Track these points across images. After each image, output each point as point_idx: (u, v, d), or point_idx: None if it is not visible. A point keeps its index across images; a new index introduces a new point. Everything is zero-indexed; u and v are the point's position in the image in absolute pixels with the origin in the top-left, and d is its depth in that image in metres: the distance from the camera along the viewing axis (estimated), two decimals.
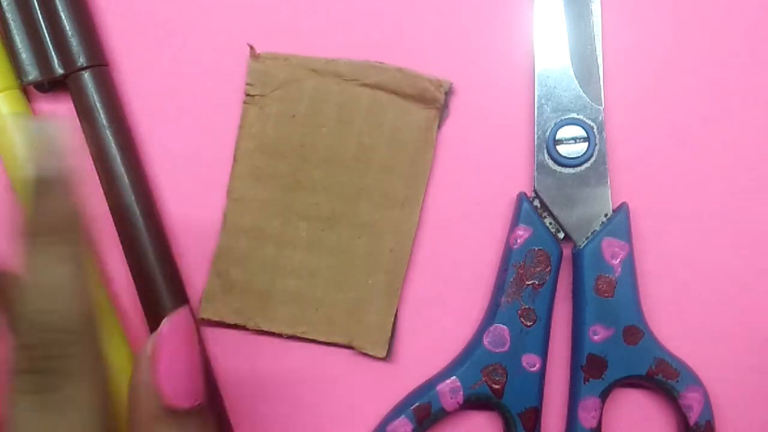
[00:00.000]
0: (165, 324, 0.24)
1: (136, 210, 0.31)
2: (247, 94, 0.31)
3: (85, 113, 0.31)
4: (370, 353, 0.31)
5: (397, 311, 0.31)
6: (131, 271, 0.31)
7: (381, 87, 0.31)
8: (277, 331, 0.31)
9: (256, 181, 0.31)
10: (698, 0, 0.31)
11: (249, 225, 0.31)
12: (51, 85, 0.32)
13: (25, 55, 0.31)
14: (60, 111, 0.32)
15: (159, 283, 0.31)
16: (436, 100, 0.31)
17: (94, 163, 0.31)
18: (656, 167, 0.31)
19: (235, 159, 0.31)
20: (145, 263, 0.31)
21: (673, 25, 0.31)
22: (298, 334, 0.31)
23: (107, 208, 0.31)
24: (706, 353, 0.31)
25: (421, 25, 0.31)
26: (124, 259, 0.31)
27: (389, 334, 0.31)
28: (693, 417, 0.30)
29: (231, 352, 0.32)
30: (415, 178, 0.31)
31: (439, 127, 0.31)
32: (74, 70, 0.31)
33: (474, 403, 0.30)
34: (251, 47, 0.31)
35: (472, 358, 0.30)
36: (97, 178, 0.31)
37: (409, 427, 0.30)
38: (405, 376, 0.32)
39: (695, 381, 0.30)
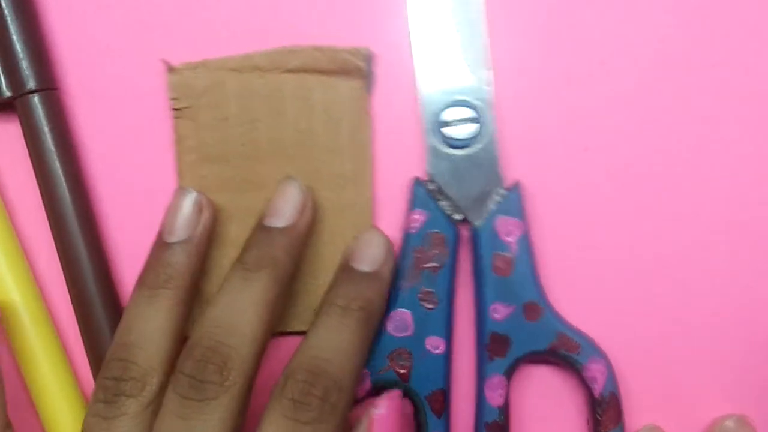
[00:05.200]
0: (381, 406, 0.27)
1: (78, 237, 0.30)
2: (174, 109, 0.31)
3: (32, 137, 0.31)
4: None
5: None
6: (71, 294, 0.31)
7: (303, 69, 0.31)
8: None
9: (206, 191, 0.30)
10: None
11: None
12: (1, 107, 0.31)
13: None
14: (8, 132, 0.32)
15: (98, 311, 0.31)
16: (359, 69, 0.31)
17: (39, 185, 0.31)
18: (547, 145, 0.32)
19: (179, 174, 0.31)
20: (85, 288, 0.31)
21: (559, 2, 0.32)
22: (288, 330, 0.31)
23: (50, 232, 0.31)
24: (610, 326, 0.32)
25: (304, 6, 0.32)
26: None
27: None
28: (597, 389, 0.30)
29: None
30: (360, 150, 0.31)
31: (368, 94, 0.31)
32: (23, 93, 0.30)
33: (381, 388, 0.30)
34: (166, 62, 0.31)
35: (377, 345, 0.30)
36: (41, 199, 0.31)
37: None
38: None
39: (597, 353, 0.30)
